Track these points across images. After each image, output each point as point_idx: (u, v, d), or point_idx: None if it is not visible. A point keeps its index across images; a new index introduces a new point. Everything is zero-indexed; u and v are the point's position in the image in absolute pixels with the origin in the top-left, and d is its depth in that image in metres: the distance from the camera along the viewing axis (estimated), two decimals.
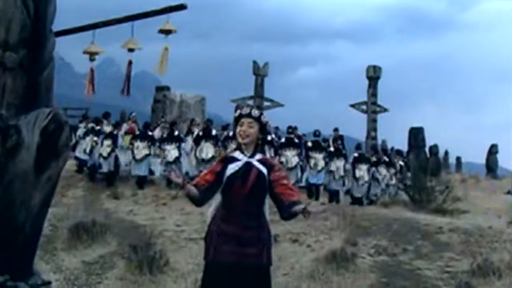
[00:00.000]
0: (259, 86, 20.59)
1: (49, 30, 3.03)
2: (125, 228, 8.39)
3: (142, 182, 12.59)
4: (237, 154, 3.72)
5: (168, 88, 18.09)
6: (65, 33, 4.64)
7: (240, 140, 3.71)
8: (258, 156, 3.74)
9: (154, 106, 17.42)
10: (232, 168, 3.63)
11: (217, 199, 3.71)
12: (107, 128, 14.05)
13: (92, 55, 5.03)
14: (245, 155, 3.70)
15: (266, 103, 20.78)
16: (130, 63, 5.30)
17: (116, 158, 12.96)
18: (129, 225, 8.72)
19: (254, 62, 20.76)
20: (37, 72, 2.90)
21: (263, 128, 3.76)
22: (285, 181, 3.64)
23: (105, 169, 12.93)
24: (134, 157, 12.73)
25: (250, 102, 20.73)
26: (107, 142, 13.05)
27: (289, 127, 13.77)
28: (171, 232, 8.35)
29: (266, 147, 12.17)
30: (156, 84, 20.79)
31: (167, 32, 5.00)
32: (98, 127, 13.63)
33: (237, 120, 3.74)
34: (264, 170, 3.65)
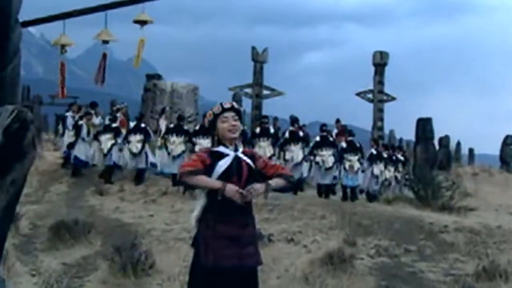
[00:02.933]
0: (258, 73, 20.53)
1: (14, 20, 2.97)
2: (110, 227, 8.39)
3: (140, 178, 12.62)
4: (222, 149, 3.73)
5: (159, 76, 18.01)
6: (38, 22, 4.58)
7: (230, 135, 3.72)
8: (241, 148, 3.82)
9: (144, 95, 17.36)
10: (223, 164, 3.64)
11: (200, 200, 3.70)
12: (96, 120, 14.03)
13: (63, 48, 4.94)
14: (230, 149, 3.73)
15: (265, 92, 20.74)
16: (104, 56, 5.23)
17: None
18: (115, 224, 8.72)
19: (253, 48, 20.70)
20: (1, 66, 2.85)
21: (241, 118, 3.85)
22: (271, 163, 3.87)
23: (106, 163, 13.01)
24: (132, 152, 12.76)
25: (248, 90, 20.71)
26: (107, 135, 13.06)
27: (291, 119, 13.63)
28: (159, 231, 8.34)
29: (268, 141, 12.10)
30: (151, 71, 20.68)
31: (142, 22, 4.95)
32: (114, 125, 13.47)
33: (218, 115, 3.73)
34: (251, 162, 3.74)
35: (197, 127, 12.47)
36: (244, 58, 21.63)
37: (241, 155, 3.73)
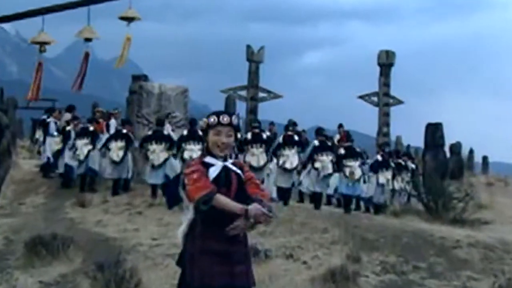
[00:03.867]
0: (253, 74, 20.60)
1: None
2: (92, 241, 8.36)
3: (117, 188, 12.63)
4: (208, 159, 3.76)
5: (145, 77, 18.00)
6: (17, 18, 4.60)
7: (218, 152, 3.74)
8: (231, 160, 3.85)
9: (129, 98, 17.35)
10: (212, 174, 3.67)
11: (188, 215, 3.72)
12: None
13: (42, 46, 4.92)
14: (218, 160, 3.76)
15: (261, 94, 20.79)
16: (86, 56, 5.21)
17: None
18: (97, 238, 8.70)
19: (248, 47, 20.78)
20: None
21: (236, 131, 3.88)
22: (256, 181, 3.86)
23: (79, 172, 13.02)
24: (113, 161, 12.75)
25: (243, 92, 20.77)
26: (83, 141, 13.02)
27: (289, 123, 13.69)
28: (145, 246, 8.33)
29: (262, 148, 12.12)
30: (137, 71, 20.64)
31: (129, 19, 4.95)
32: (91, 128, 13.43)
33: (211, 127, 3.75)
34: (240, 172, 3.77)
35: (185, 132, 12.43)
36: (238, 58, 21.72)
37: (230, 166, 3.76)
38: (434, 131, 22.56)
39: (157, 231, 9.30)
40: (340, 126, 17.37)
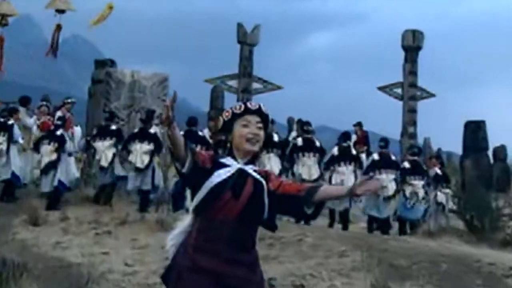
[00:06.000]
0: (246, 60, 20.62)
1: None
2: (50, 268, 8.32)
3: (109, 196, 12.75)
4: (226, 160, 3.80)
5: (112, 63, 18.01)
6: None
7: (248, 146, 3.78)
8: (252, 166, 3.84)
9: (92, 89, 17.33)
10: (221, 174, 3.70)
11: (184, 221, 3.78)
12: (29, 120, 13.96)
13: (3, 18, 4.90)
14: (238, 162, 3.79)
15: (256, 85, 20.82)
16: (58, 28, 5.24)
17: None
18: (56, 264, 8.63)
19: (239, 25, 20.78)
20: None
21: (266, 128, 3.90)
22: (290, 182, 3.95)
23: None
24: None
25: (233, 83, 20.76)
26: (105, 142, 13.02)
27: (303, 123, 13.67)
28: (117, 274, 8.31)
29: (272, 153, 12.19)
30: (98, 56, 20.52)
31: None
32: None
33: (237, 116, 3.80)
34: (262, 179, 3.76)
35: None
36: (227, 39, 21.72)
37: (249, 169, 3.78)
38: (475, 131, 22.59)
39: (131, 255, 9.26)
40: (358, 124, 17.41)
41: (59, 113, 14.54)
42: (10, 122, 13.43)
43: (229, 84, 20.89)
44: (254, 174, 3.77)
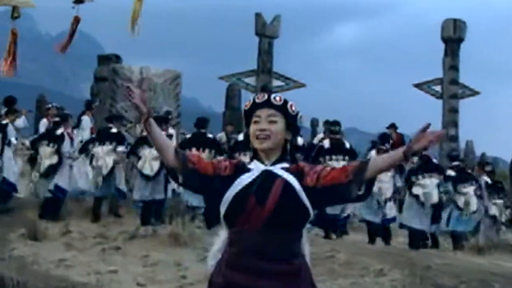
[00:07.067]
0: (265, 55, 20.68)
1: None
2: None
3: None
4: (252, 164, 3.78)
5: (118, 58, 18.05)
6: None
7: (256, 144, 3.73)
8: (283, 164, 3.76)
9: (96, 87, 17.37)
10: (241, 181, 3.67)
11: (220, 236, 3.76)
12: (20, 122, 14.06)
13: (15, 11, 4.96)
14: (265, 164, 3.75)
15: (276, 82, 20.87)
16: (76, 20, 5.25)
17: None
18: (58, 284, 8.62)
19: (258, 16, 20.81)
20: None
21: (292, 123, 3.78)
22: (328, 169, 3.75)
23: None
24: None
25: (250, 80, 20.79)
26: (105, 147, 13.09)
27: (331, 123, 13.63)
28: None
29: (343, 162, 12.16)
30: (99, 52, 20.58)
31: None
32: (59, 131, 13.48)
33: (249, 113, 3.77)
34: (293, 180, 3.67)
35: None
36: (244, 32, 21.75)
37: (276, 170, 3.71)
38: None
39: (142, 273, 9.28)
40: (392, 126, 17.42)
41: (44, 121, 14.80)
42: (4, 121, 13.50)
43: (246, 82, 20.95)
44: (283, 174, 3.69)
